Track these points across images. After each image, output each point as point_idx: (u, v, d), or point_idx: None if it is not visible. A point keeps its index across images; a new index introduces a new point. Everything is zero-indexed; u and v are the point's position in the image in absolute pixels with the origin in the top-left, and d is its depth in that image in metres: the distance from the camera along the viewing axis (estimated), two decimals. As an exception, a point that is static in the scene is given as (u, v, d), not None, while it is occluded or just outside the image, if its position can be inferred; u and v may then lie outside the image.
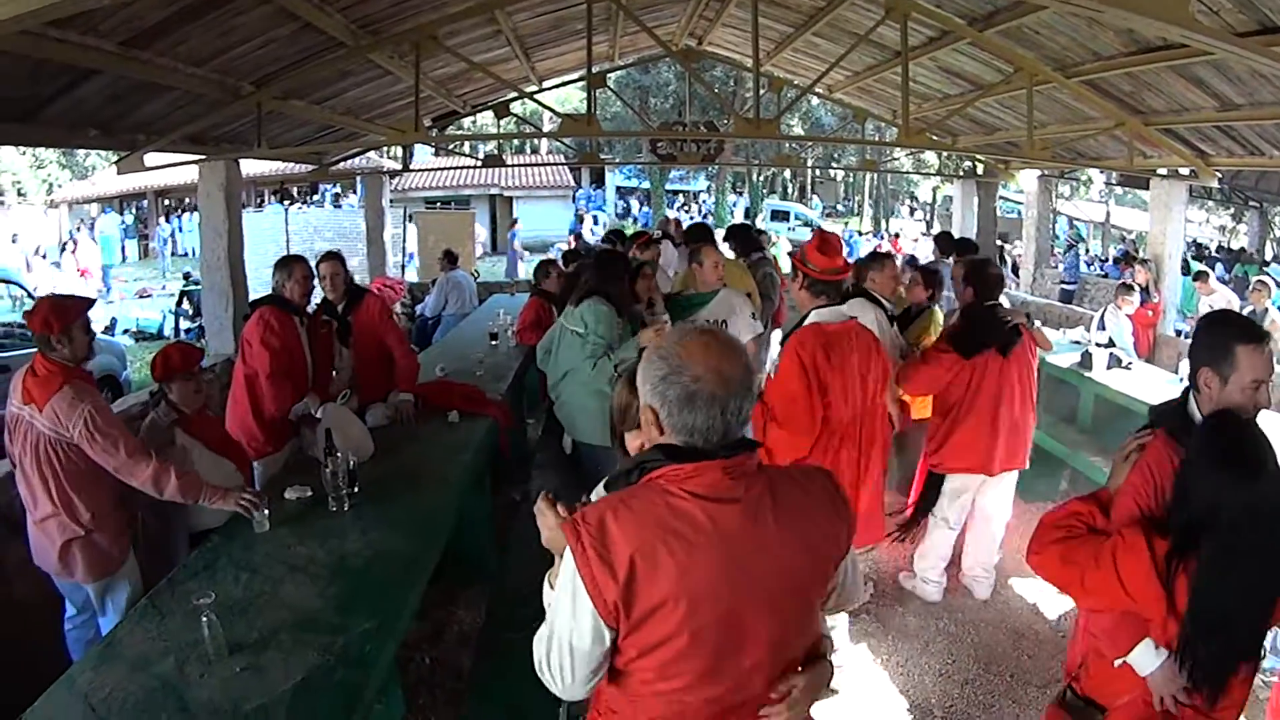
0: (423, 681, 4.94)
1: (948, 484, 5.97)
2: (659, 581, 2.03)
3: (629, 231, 12.36)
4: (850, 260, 5.48)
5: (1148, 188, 12.65)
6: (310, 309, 6.10)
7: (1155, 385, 7.55)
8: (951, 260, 9.23)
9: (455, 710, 4.50)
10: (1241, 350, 2.82)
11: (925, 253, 18.07)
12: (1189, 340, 10.60)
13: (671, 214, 28.99)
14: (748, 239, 9.67)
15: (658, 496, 2.08)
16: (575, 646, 2.09)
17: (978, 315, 5.77)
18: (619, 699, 2.23)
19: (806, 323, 5.12)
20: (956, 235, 11.79)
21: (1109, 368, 7.94)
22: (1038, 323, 6.06)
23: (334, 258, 6.43)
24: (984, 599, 6.13)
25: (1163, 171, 11.31)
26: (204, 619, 3.05)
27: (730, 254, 9.11)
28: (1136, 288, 10.77)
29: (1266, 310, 10.07)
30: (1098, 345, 8.52)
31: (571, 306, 5.80)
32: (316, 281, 6.17)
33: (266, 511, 4.25)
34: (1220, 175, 11.15)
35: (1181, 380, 7.55)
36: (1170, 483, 2.84)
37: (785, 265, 12.31)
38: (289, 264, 5.94)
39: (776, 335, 9.15)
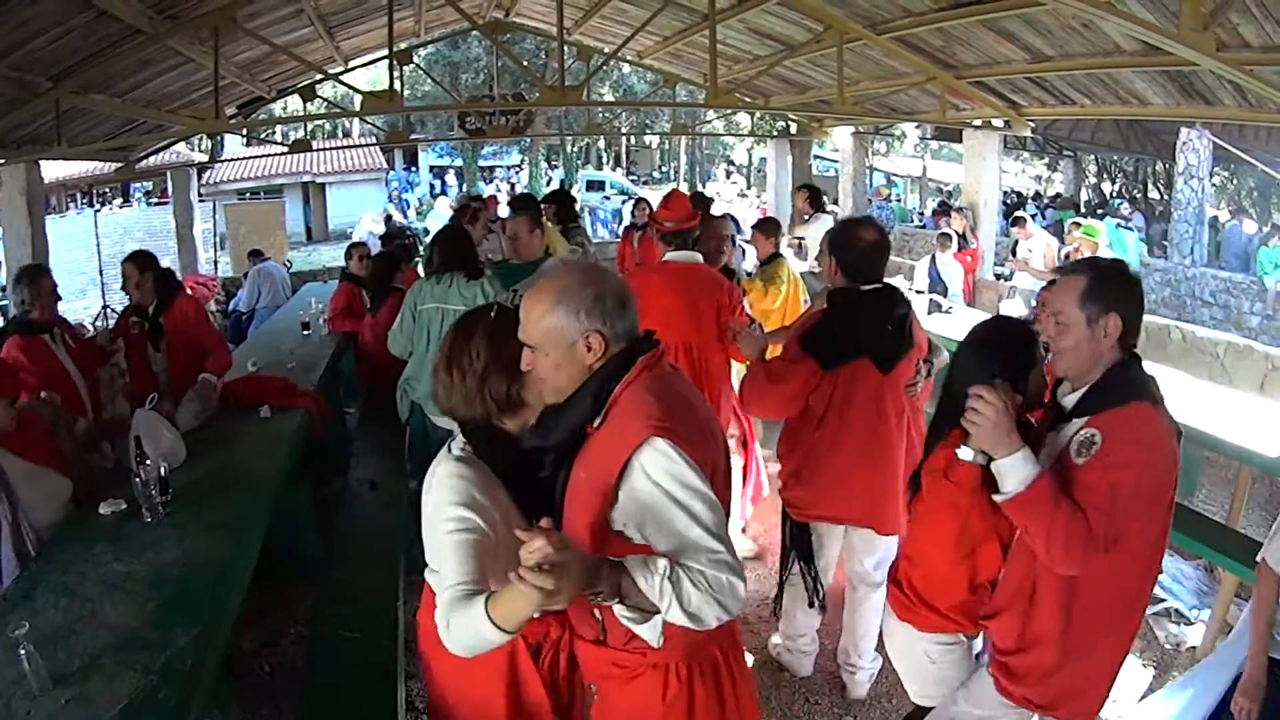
0: (265, 690, 4.76)
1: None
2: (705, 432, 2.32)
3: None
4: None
5: (962, 141, 13.06)
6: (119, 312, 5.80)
7: (976, 328, 7.69)
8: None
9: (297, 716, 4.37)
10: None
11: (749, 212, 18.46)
12: (1009, 284, 11.09)
13: (490, 191, 28.78)
14: (568, 208, 9.58)
15: (657, 383, 2.29)
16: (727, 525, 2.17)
17: (846, 306, 4.10)
18: None
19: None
20: (772, 195, 11.93)
21: (929, 313, 8.19)
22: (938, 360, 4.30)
23: (134, 259, 5.99)
24: (857, 698, 4.58)
25: (977, 123, 11.76)
26: (22, 651, 2.87)
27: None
28: (954, 235, 11.20)
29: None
30: (917, 292, 8.77)
31: (449, 285, 5.60)
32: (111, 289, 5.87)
33: None
34: (1034, 125, 11.64)
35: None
36: None
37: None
38: (35, 279, 5.46)
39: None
